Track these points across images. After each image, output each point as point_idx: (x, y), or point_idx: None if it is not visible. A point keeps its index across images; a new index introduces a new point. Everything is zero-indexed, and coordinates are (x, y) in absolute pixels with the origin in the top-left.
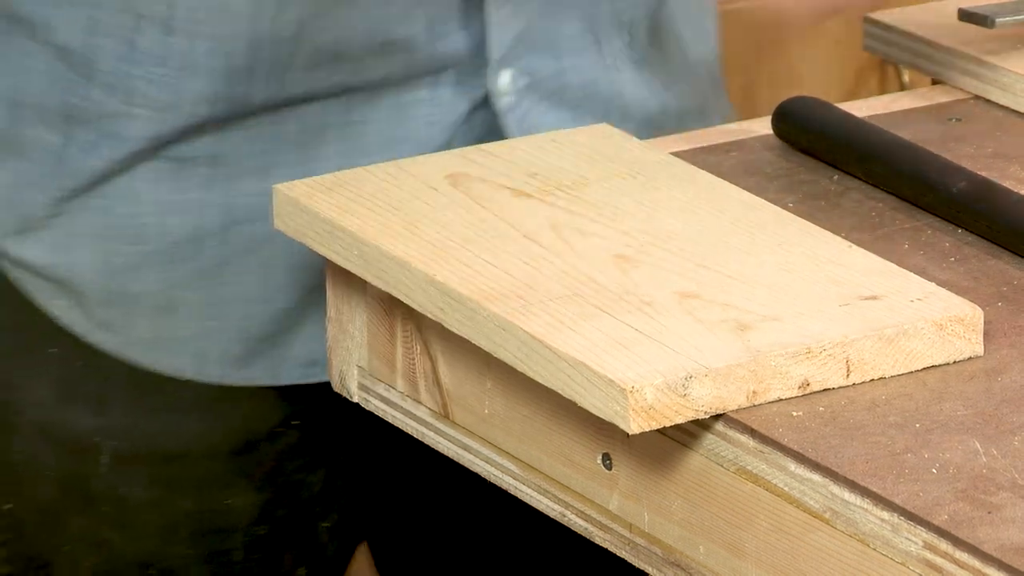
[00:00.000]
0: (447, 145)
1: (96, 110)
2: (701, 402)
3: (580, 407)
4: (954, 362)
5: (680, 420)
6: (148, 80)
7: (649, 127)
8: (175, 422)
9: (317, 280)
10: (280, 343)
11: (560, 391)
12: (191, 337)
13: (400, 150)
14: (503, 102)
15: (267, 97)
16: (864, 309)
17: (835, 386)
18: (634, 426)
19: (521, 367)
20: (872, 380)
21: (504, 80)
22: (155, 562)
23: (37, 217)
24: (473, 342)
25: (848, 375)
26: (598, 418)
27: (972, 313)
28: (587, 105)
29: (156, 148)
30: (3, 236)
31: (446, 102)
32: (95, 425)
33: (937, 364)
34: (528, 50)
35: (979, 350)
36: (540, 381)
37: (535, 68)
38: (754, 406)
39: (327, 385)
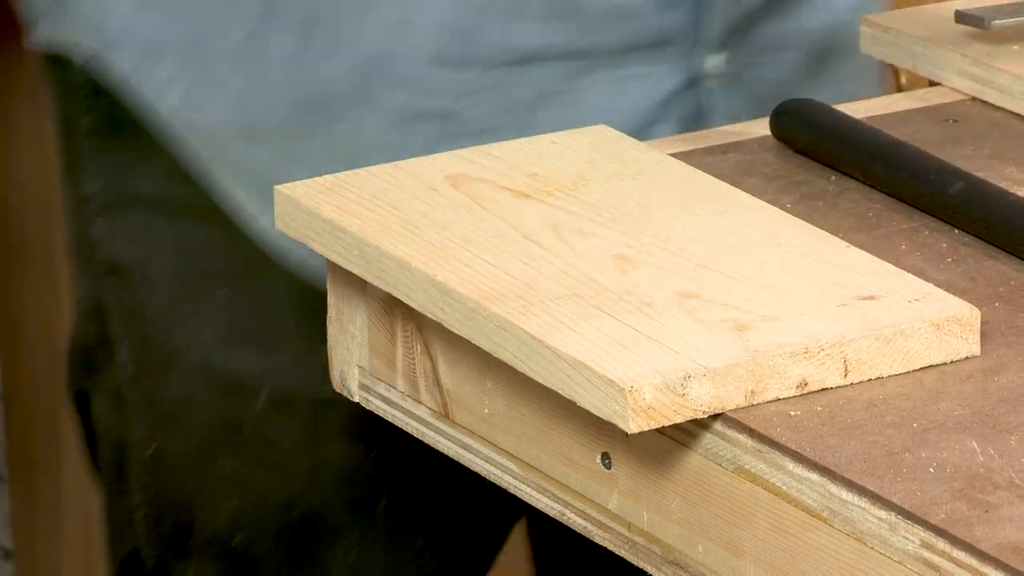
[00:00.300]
0: (656, 122)
1: None
2: (700, 402)
3: (579, 407)
4: (951, 362)
5: (679, 420)
6: None
7: None
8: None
9: None
10: None
11: (560, 391)
12: None
13: (610, 121)
14: (710, 84)
15: (496, 42)
16: (862, 309)
17: (833, 386)
18: (633, 426)
19: (521, 367)
20: (870, 380)
21: (713, 63)
22: (298, 506)
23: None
24: (473, 342)
25: (846, 375)
26: (597, 418)
27: (969, 313)
28: None
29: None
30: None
31: (661, 78)
32: (255, 368)
33: (935, 364)
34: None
35: (976, 350)
36: (540, 381)
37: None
38: (752, 406)
39: None
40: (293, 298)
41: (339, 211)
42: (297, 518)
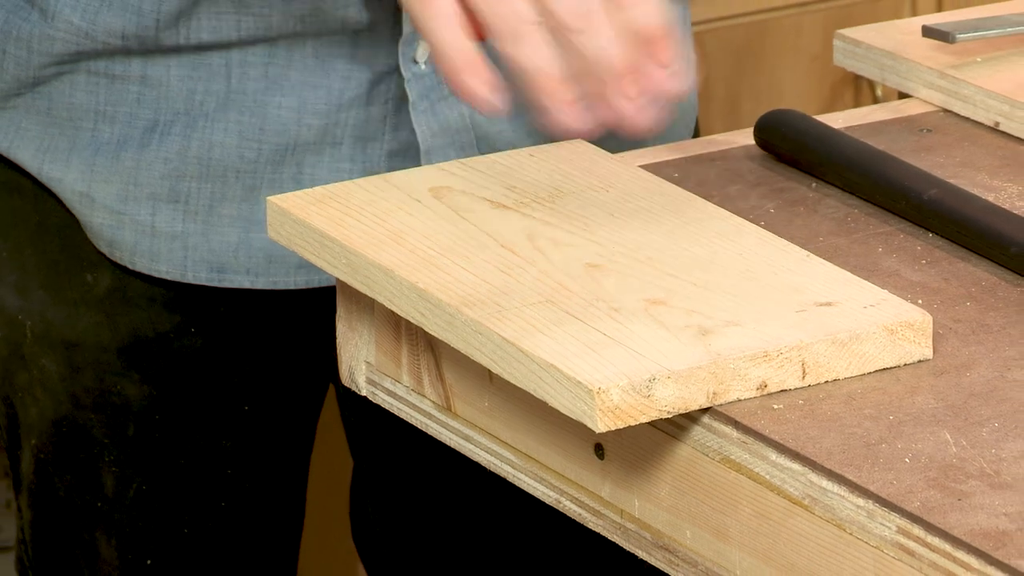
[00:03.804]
0: (365, 101)
1: (29, 28)
2: (664, 402)
3: None
4: (904, 365)
5: (645, 419)
6: (72, 7)
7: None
8: (77, 314)
9: (228, 189)
10: (189, 244)
11: (532, 392)
12: (105, 225)
13: (316, 96)
14: (410, 73)
15: (177, 42)
16: (819, 315)
17: (792, 387)
18: (601, 425)
19: (496, 369)
20: (827, 382)
21: (411, 54)
22: (67, 424)
23: None
24: (452, 345)
25: (804, 377)
26: None
27: (922, 319)
28: None
29: (77, 62)
30: None
31: (362, 62)
32: (18, 305)
33: (888, 367)
34: None
35: (928, 353)
36: (513, 382)
37: None
38: (715, 406)
39: (231, 292)
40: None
41: (327, 221)
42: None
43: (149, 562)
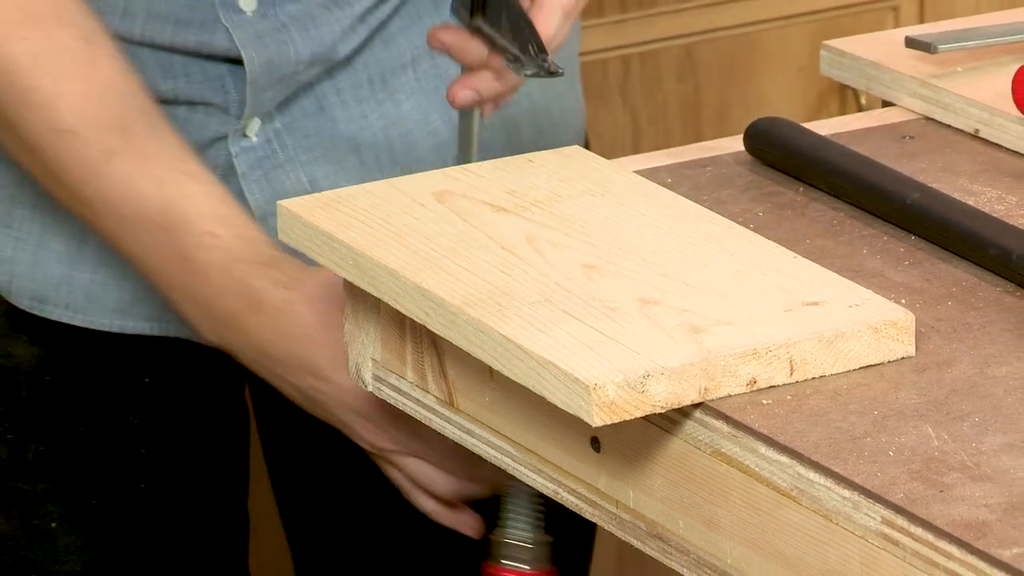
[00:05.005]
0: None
1: None
2: (658, 398)
3: None
4: (888, 362)
5: (639, 414)
6: None
7: None
8: None
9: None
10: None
11: (531, 387)
12: None
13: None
14: (238, 148)
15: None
16: (806, 314)
17: (780, 383)
18: (597, 419)
19: (497, 365)
20: (813, 378)
21: (240, 128)
22: None
23: None
24: (454, 343)
25: (792, 373)
26: None
27: (905, 318)
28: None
29: None
30: None
31: (190, 130)
32: None
33: (872, 364)
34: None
35: (911, 351)
36: (513, 379)
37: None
38: (706, 401)
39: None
40: None
41: (335, 224)
42: None
43: (54, 525)
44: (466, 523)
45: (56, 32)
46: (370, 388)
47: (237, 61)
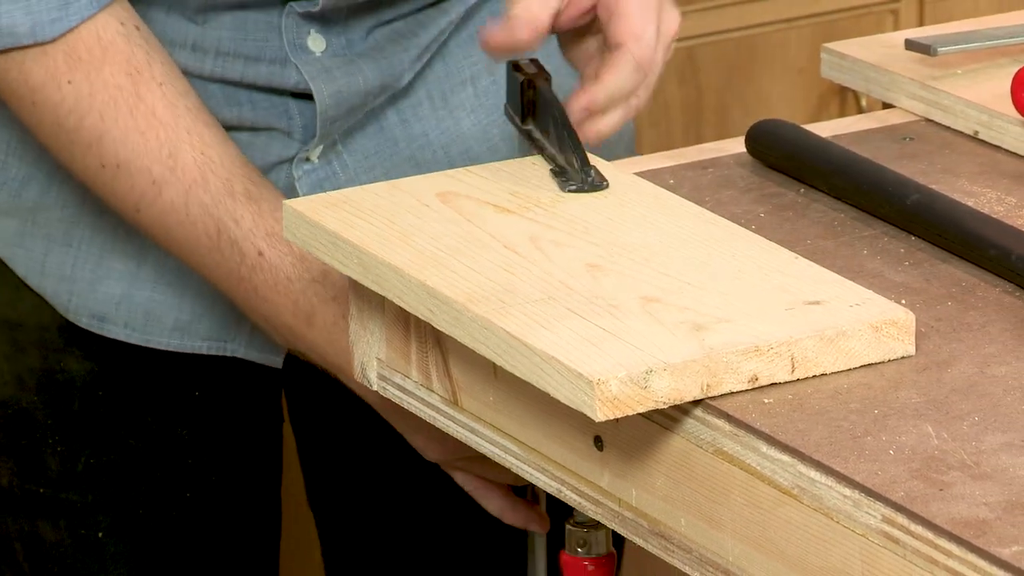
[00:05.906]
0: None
1: None
2: (660, 393)
3: None
4: (888, 361)
5: (642, 410)
6: None
7: None
8: (14, 296)
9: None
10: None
11: (535, 383)
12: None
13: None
14: (300, 171)
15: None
16: (808, 313)
17: (782, 380)
18: (600, 415)
19: (501, 362)
20: (814, 377)
21: (304, 152)
22: (12, 405)
23: None
24: (459, 340)
25: (793, 371)
26: None
27: (905, 317)
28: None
29: None
30: None
31: (255, 152)
32: None
33: (873, 363)
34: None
35: (911, 350)
36: (517, 375)
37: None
38: (708, 398)
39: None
40: None
41: (340, 224)
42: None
43: (101, 535)
44: (533, 520)
45: (100, 71)
46: (375, 387)
47: (306, 93)
